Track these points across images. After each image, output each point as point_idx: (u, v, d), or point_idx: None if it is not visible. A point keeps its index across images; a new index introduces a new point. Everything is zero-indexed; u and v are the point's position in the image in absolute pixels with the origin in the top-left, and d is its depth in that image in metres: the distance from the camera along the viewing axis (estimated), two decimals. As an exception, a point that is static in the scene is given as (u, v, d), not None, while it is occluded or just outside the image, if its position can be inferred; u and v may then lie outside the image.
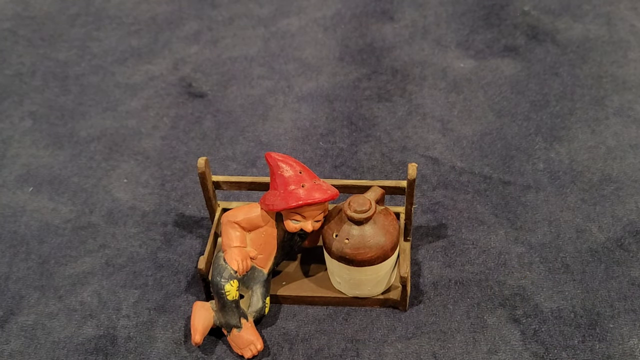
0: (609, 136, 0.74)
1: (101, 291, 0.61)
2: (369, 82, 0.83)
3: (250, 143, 0.75)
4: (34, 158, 0.75)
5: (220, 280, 0.54)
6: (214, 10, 0.96)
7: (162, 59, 0.88)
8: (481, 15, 0.93)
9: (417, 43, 0.89)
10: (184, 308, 0.60)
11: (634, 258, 0.62)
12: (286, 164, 0.54)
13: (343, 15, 0.95)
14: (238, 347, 0.56)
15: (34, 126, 0.79)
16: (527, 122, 0.77)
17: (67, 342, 0.57)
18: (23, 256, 0.65)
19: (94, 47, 0.91)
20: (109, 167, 0.73)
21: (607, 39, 0.88)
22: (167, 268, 0.63)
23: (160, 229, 0.67)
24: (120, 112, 0.80)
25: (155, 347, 0.57)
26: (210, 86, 0.84)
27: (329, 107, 0.80)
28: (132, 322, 0.59)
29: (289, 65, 0.86)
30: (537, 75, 0.83)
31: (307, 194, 0.53)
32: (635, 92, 0.80)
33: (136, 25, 0.94)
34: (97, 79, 0.85)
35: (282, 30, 0.92)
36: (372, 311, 0.59)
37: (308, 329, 0.58)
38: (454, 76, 0.83)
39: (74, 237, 0.66)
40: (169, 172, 0.72)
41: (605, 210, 0.66)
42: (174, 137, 0.76)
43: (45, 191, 0.71)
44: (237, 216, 0.56)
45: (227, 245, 0.56)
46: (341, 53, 0.88)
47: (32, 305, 0.60)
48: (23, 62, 0.89)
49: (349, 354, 0.56)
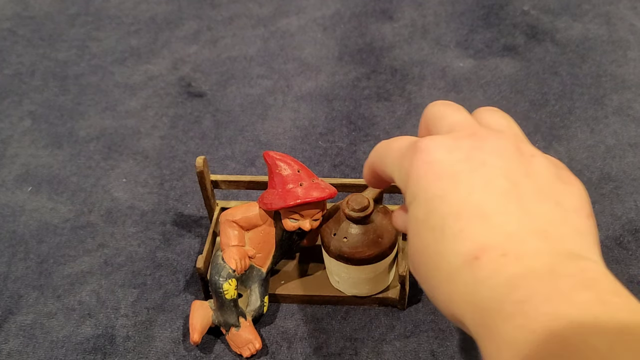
0: (608, 135, 0.74)
1: (100, 290, 0.61)
2: (368, 81, 0.83)
3: (249, 142, 0.76)
4: (33, 158, 0.75)
5: (219, 279, 0.54)
6: (214, 10, 0.97)
7: (161, 59, 0.88)
8: (480, 15, 0.93)
9: (417, 42, 0.89)
10: (183, 307, 0.60)
11: (632, 256, 0.62)
12: (284, 163, 0.54)
13: (342, 14, 0.95)
14: (236, 346, 0.56)
15: (33, 126, 0.79)
16: (526, 121, 0.77)
17: (66, 342, 0.57)
18: (22, 255, 0.65)
19: (93, 46, 0.91)
20: (108, 166, 0.73)
21: (606, 38, 0.88)
22: (166, 267, 0.63)
23: (159, 229, 0.67)
24: (119, 111, 0.80)
25: (154, 346, 0.57)
26: (210, 86, 0.84)
27: (328, 107, 0.80)
28: (131, 321, 0.59)
29: (288, 64, 0.86)
30: (537, 74, 0.83)
31: (305, 193, 0.53)
32: (635, 91, 0.80)
33: (135, 25, 0.94)
34: (97, 79, 0.85)
35: (281, 29, 0.92)
36: (371, 310, 0.59)
37: (306, 327, 0.58)
38: (453, 76, 0.83)
39: (73, 237, 0.66)
40: (167, 172, 0.72)
41: (604, 209, 0.66)
42: (173, 137, 0.77)
43: (44, 191, 0.71)
44: (235, 215, 0.56)
45: (226, 244, 0.56)
46: (340, 52, 0.88)
47: (31, 304, 0.60)
48: (22, 62, 0.89)
49: (348, 352, 0.56)
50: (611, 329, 0.25)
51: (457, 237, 0.30)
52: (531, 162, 0.33)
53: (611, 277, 0.28)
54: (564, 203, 0.32)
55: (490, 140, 0.33)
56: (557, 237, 0.30)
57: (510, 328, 0.27)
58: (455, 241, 0.30)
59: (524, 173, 0.32)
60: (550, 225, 0.30)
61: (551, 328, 0.25)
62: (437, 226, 0.31)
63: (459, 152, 0.33)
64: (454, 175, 0.32)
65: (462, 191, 0.31)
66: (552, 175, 0.33)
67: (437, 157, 0.33)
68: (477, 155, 0.32)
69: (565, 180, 0.33)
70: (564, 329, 0.25)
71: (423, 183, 0.32)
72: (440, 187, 0.31)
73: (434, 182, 0.32)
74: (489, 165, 0.32)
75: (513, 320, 0.27)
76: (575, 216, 0.31)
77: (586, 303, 0.26)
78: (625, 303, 0.26)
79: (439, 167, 0.32)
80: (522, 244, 0.29)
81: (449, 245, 0.30)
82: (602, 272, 0.28)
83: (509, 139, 0.34)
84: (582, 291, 0.26)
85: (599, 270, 0.28)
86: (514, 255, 0.29)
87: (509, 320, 0.27)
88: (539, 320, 0.26)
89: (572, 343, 0.25)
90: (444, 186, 0.31)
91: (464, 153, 0.32)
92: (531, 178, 0.32)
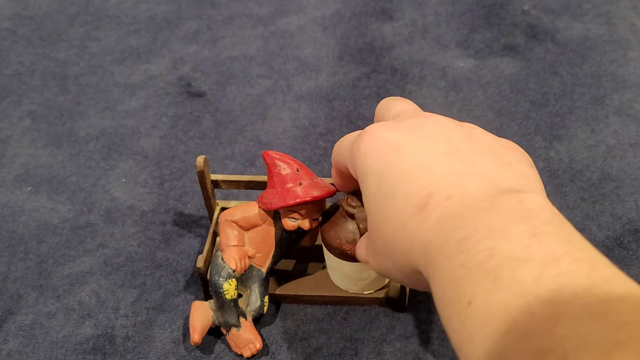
0: (609, 135, 0.74)
1: (99, 291, 0.61)
2: (368, 81, 0.83)
3: (249, 142, 0.75)
4: (32, 158, 0.75)
5: (219, 279, 0.54)
6: (213, 9, 0.96)
7: (161, 59, 0.88)
8: (481, 15, 0.93)
9: (417, 42, 0.89)
10: (183, 307, 0.60)
11: (633, 256, 0.62)
12: (283, 162, 0.54)
13: (342, 14, 0.94)
14: (237, 346, 0.55)
15: (33, 126, 0.79)
16: (526, 121, 0.76)
17: (66, 342, 0.57)
18: (21, 256, 0.64)
19: (93, 46, 0.91)
20: (108, 166, 0.73)
21: (607, 38, 0.88)
22: (166, 267, 0.63)
23: (159, 229, 0.66)
24: (119, 111, 0.80)
25: (154, 347, 0.57)
26: (209, 85, 0.83)
27: (328, 106, 0.80)
28: (131, 321, 0.59)
29: (288, 64, 0.86)
30: (537, 74, 0.83)
31: (304, 192, 0.53)
32: (635, 91, 0.80)
33: (135, 24, 0.94)
34: (96, 79, 0.85)
35: (281, 29, 0.92)
36: (371, 310, 0.59)
37: (307, 327, 0.58)
38: (453, 75, 0.83)
39: (73, 237, 0.66)
40: (167, 172, 0.72)
41: (605, 209, 0.66)
42: (173, 137, 0.76)
43: (44, 191, 0.71)
44: (234, 215, 0.56)
45: (225, 244, 0.56)
46: (340, 52, 0.88)
47: (31, 304, 0.60)
48: (22, 62, 0.89)
49: (348, 352, 0.56)
50: (538, 260, 0.26)
51: (407, 194, 0.32)
52: (472, 132, 0.35)
53: (549, 206, 0.29)
54: (505, 157, 0.34)
55: (431, 118, 0.36)
56: (501, 178, 0.32)
57: (453, 266, 0.28)
58: (405, 198, 0.32)
59: (465, 140, 0.34)
60: (493, 171, 0.32)
61: (484, 264, 0.27)
62: (388, 193, 0.33)
63: (402, 130, 0.35)
64: (398, 148, 0.34)
65: (408, 158, 0.33)
66: (492, 140, 0.35)
67: (381, 135, 0.35)
68: (419, 130, 0.35)
69: (505, 145, 0.35)
70: (496, 264, 0.26)
71: (370, 160, 0.35)
72: (387, 160, 0.34)
73: (380, 156, 0.34)
74: (431, 136, 0.34)
75: (455, 258, 0.28)
76: (516, 165, 0.34)
77: (519, 235, 0.27)
78: (556, 232, 0.27)
79: (384, 143, 0.35)
80: (466, 187, 0.31)
81: (400, 204, 0.32)
82: (540, 202, 0.29)
83: (448, 118, 0.37)
84: (517, 224, 0.27)
85: (537, 201, 0.29)
86: (458, 197, 0.31)
87: (451, 258, 0.28)
88: (477, 257, 0.27)
89: (502, 277, 0.26)
90: (391, 158, 0.34)
91: (407, 130, 0.35)
92: (472, 143, 0.34)
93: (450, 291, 0.28)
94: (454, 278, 0.28)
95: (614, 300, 0.24)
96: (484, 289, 0.26)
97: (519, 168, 0.33)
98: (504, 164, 0.33)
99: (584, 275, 0.25)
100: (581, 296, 0.24)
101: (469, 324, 0.26)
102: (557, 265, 0.25)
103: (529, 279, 0.25)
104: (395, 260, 0.34)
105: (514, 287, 0.25)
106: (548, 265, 0.25)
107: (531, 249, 0.26)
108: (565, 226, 0.28)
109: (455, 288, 0.28)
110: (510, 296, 0.25)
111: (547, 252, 0.26)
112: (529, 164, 0.34)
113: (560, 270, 0.25)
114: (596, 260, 0.26)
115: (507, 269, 0.26)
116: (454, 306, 0.28)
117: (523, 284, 0.25)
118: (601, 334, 0.22)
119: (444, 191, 0.31)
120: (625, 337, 0.22)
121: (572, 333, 0.23)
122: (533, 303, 0.24)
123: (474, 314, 0.26)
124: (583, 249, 0.27)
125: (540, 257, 0.26)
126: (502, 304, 0.25)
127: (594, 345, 0.22)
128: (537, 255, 0.26)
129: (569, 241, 0.27)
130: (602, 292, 0.24)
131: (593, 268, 0.25)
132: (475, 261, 0.27)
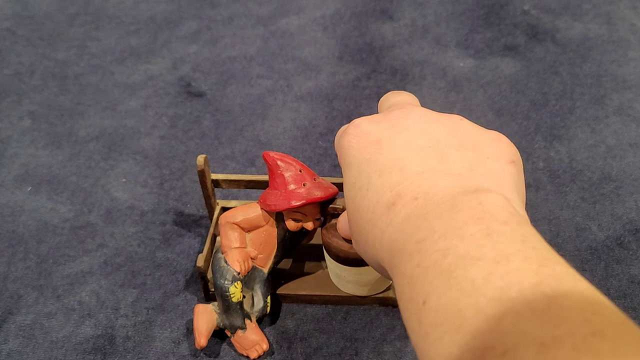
0: (609, 135, 0.74)
1: (99, 290, 0.61)
2: (368, 81, 0.83)
3: (249, 142, 0.75)
4: (32, 157, 0.75)
5: (224, 282, 0.54)
6: (213, 9, 0.96)
7: (161, 59, 0.88)
8: (481, 15, 0.93)
9: (417, 42, 0.89)
10: (183, 307, 0.60)
11: (633, 256, 0.62)
12: (285, 163, 0.54)
13: (342, 14, 0.94)
14: (243, 348, 0.55)
15: (33, 126, 0.79)
16: (526, 121, 0.76)
17: (66, 342, 0.57)
18: (21, 256, 0.64)
19: (92, 46, 0.91)
20: (108, 166, 0.73)
21: (607, 38, 0.88)
22: (166, 267, 0.63)
23: (159, 228, 0.66)
24: (119, 111, 0.80)
25: (154, 347, 0.57)
26: (209, 85, 0.83)
27: (328, 106, 0.80)
28: (131, 321, 0.59)
29: (288, 64, 0.86)
30: (537, 74, 0.83)
31: (309, 193, 0.53)
32: (635, 91, 0.80)
33: (135, 24, 0.94)
34: (96, 79, 0.85)
35: (281, 29, 0.92)
36: (371, 310, 0.59)
37: (307, 327, 0.58)
38: (453, 75, 0.83)
39: (73, 237, 0.66)
40: (167, 172, 0.72)
41: (605, 209, 0.66)
42: (173, 137, 0.76)
43: (44, 191, 0.71)
44: (235, 217, 0.55)
45: (227, 247, 0.55)
46: (340, 52, 0.88)
47: (31, 304, 0.60)
48: (22, 62, 0.88)
49: (348, 352, 0.56)
50: (489, 259, 0.26)
51: (379, 190, 0.33)
52: (458, 123, 0.36)
53: (508, 207, 0.29)
54: (486, 152, 0.34)
55: (417, 111, 0.37)
56: (470, 177, 0.32)
57: (410, 267, 0.28)
58: (377, 194, 0.33)
59: (448, 132, 0.35)
60: (465, 168, 0.32)
61: (439, 263, 0.27)
62: (363, 185, 0.34)
63: (386, 122, 0.36)
64: (379, 141, 0.35)
65: (386, 152, 0.34)
66: (476, 133, 0.35)
67: (365, 129, 0.36)
68: (402, 122, 0.36)
69: (491, 137, 0.35)
70: (449, 264, 0.27)
71: (353, 152, 0.36)
72: (368, 152, 0.35)
73: (362, 149, 0.35)
74: (412, 129, 0.35)
75: (412, 260, 0.29)
76: (494, 161, 0.34)
77: (474, 236, 0.27)
78: (511, 232, 0.27)
79: (367, 136, 0.36)
80: (434, 186, 0.31)
81: (373, 198, 0.33)
82: (499, 203, 0.29)
83: (435, 111, 0.37)
84: (473, 224, 0.28)
85: (496, 202, 0.29)
86: (423, 198, 0.31)
87: (409, 259, 0.29)
88: (432, 257, 0.27)
89: (455, 276, 0.26)
90: (371, 150, 0.35)
91: (390, 122, 0.36)
92: (455, 135, 0.35)
93: (408, 291, 0.28)
94: (411, 278, 0.28)
95: (559, 296, 0.24)
96: (438, 288, 0.26)
97: (495, 165, 0.33)
98: (481, 160, 0.33)
99: (533, 272, 0.25)
100: (526, 293, 0.24)
101: (424, 322, 0.27)
102: (508, 263, 0.26)
103: (479, 278, 0.25)
104: (366, 251, 0.35)
105: (465, 285, 0.26)
106: (499, 263, 0.26)
107: (484, 248, 0.26)
108: (522, 226, 0.28)
109: (412, 288, 0.28)
110: (461, 295, 0.25)
111: (498, 251, 0.26)
112: (510, 159, 0.34)
113: (510, 269, 0.25)
114: (548, 258, 0.26)
115: (460, 268, 0.26)
116: (411, 305, 0.28)
117: (474, 283, 0.25)
118: (541, 331, 0.23)
119: (412, 191, 0.32)
120: (563, 333, 0.22)
121: (514, 330, 0.23)
122: (481, 301, 0.25)
123: (428, 313, 0.27)
124: (536, 248, 0.27)
125: (492, 256, 0.26)
126: (454, 302, 0.26)
127: (533, 342, 0.22)
128: (489, 255, 0.26)
129: (523, 240, 0.27)
130: (549, 289, 0.24)
131: (543, 265, 0.25)
132: (431, 261, 0.27)
